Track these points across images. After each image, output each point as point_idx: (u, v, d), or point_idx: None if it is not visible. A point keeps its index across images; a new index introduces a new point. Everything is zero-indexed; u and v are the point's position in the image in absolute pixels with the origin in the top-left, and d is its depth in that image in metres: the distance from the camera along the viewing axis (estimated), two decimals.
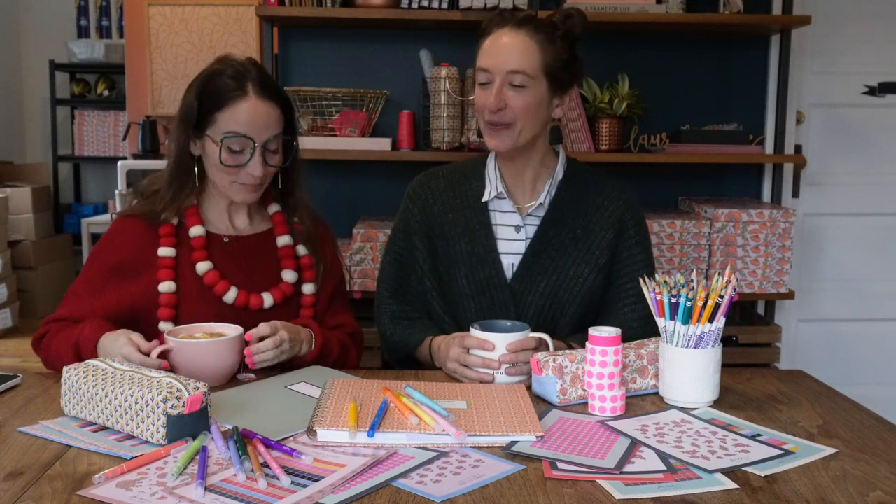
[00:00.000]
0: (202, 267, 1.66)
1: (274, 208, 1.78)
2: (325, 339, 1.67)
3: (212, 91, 1.63)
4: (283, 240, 1.76)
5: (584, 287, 1.73)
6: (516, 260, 1.74)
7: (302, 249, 1.77)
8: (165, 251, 1.66)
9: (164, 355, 1.46)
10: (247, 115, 1.62)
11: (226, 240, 1.73)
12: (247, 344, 1.51)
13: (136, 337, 1.48)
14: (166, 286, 1.64)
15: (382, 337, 1.83)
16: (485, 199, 1.76)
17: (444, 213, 1.79)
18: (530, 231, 1.75)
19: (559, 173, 1.77)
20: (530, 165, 1.77)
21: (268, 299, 1.69)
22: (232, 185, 1.67)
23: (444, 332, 1.73)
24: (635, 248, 1.77)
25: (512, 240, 1.75)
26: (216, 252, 1.70)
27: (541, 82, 1.66)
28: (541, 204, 1.75)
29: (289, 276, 1.74)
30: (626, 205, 1.78)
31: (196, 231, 1.69)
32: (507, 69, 1.64)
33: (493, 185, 1.76)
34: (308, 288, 1.76)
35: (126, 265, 1.66)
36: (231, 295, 1.66)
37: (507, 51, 1.65)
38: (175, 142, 1.69)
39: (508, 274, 1.74)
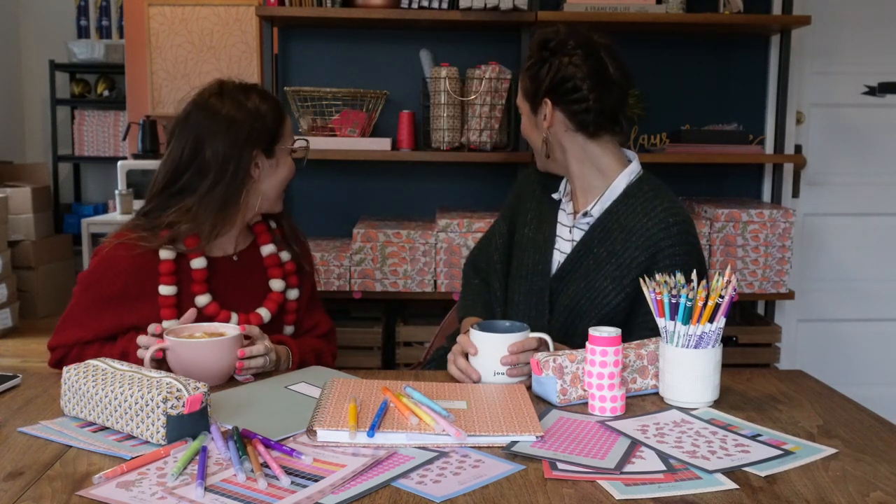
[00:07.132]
0: (202, 300, 1.67)
1: (256, 219, 1.79)
2: (301, 354, 1.71)
3: (264, 110, 1.69)
4: (268, 248, 1.78)
5: (605, 303, 1.69)
6: (563, 259, 1.78)
7: (285, 255, 1.80)
8: (167, 290, 1.65)
9: (161, 353, 1.47)
10: (288, 120, 1.77)
11: (235, 258, 1.75)
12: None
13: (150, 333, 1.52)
14: (169, 324, 1.63)
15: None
16: (556, 196, 1.86)
17: (528, 202, 1.91)
18: (578, 235, 1.77)
19: (619, 185, 1.74)
20: (573, 177, 1.80)
21: (265, 314, 1.72)
22: (282, 193, 1.76)
23: (491, 312, 1.88)
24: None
25: (566, 239, 1.80)
26: (217, 278, 1.71)
27: (524, 106, 1.82)
28: (587, 213, 1.75)
29: (277, 284, 1.77)
30: (668, 230, 1.67)
31: (198, 263, 1.68)
32: None
33: (564, 185, 1.87)
34: (293, 293, 1.80)
35: (123, 295, 1.65)
36: (233, 322, 1.67)
37: None
38: (234, 171, 1.65)
39: (554, 268, 1.79)
